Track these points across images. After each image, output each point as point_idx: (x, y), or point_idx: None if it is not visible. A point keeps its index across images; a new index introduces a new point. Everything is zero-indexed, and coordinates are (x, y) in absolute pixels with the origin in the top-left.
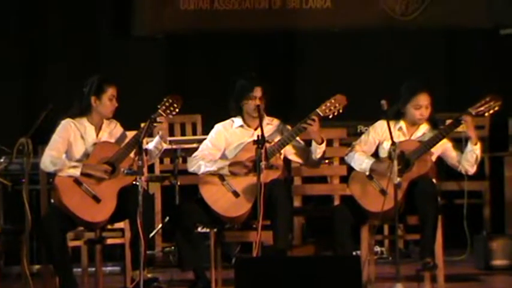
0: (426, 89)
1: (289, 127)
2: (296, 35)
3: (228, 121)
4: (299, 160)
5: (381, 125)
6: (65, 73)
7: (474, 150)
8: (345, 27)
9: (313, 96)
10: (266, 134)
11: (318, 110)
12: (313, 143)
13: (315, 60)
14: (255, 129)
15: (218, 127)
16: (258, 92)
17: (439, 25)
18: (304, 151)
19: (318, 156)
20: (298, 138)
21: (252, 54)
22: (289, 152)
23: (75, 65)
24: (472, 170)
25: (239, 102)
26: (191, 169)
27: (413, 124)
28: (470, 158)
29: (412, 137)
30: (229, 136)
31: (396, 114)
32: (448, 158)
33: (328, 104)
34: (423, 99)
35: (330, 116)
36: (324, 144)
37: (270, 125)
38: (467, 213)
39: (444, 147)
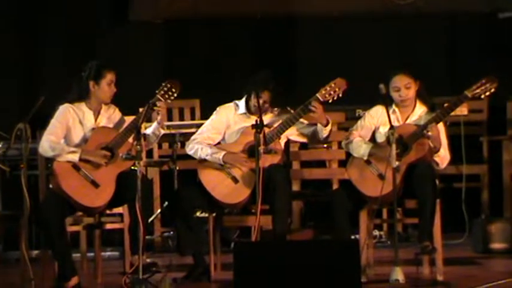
0: (402, 70)
1: (290, 110)
2: (295, 19)
3: (231, 104)
4: (303, 139)
5: (377, 110)
6: (63, 58)
7: None
8: (344, 12)
9: (312, 80)
10: (266, 120)
11: (317, 95)
12: (319, 125)
13: (314, 45)
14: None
15: (220, 110)
16: (265, 95)
17: (437, 9)
18: (308, 130)
19: (324, 135)
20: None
21: (251, 39)
22: (292, 133)
23: (74, 50)
24: None
25: (248, 93)
26: (189, 152)
27: (403, 106)
28: None
29: (408, 121)
30: (232, 120)
31: (389, 99)
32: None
33: (328, 89)
34: (399, 80)
35: (330, 101)
36: (330, 125)
37: (271, 113)
38: (466, 196)
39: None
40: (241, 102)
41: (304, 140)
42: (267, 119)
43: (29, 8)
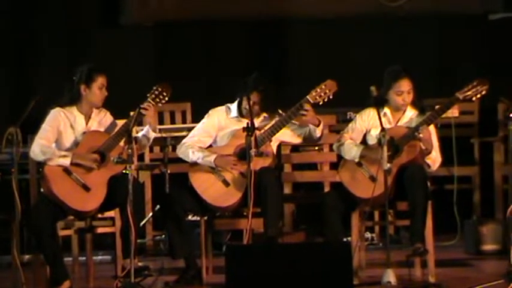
0: (407, 74)
1: (281, 112)
2: (287, 21)
3: (223, 107)
4: (297, 141)
5: (368, 113)
6: (54, 62)
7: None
8: (334, 15)
9: (304, 82)
10: (257, 123)
11: (308, 97)
12: (311, 126)
13: (306, 47)
14: None
15: (212, 113)
16: (254, 97)
17: (427, 11)
18: (301, 131)
19: (318, 135)
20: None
21: (243, 41)
22: (285, 135)
23: (64, 54)
24: None
25: (240, 95)
26: (181, 155)
27: (397, 110)
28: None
29: (399, 123)
30: (223, 123)
31: (381, 101)
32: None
33: (319, 90)
34: (404, 85)
35: (320, 103)
36: (321, 125)
37: (262, 116)
38: (457, 198)
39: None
40: (234, 106)
41: (298, 141)
42: (258, 122)
43: (19, 12)
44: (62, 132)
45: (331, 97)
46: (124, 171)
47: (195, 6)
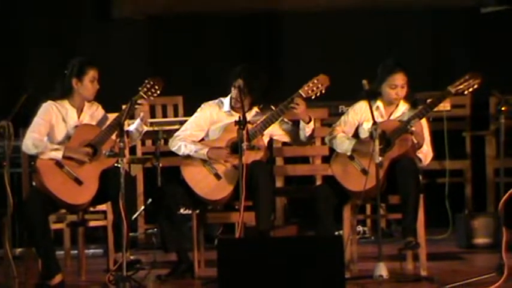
0: (401, 68)
1: (272, 107)
2: (279, 15)
3: (216, 101)
4: (286, 139)
5: (360, 106)
6: (46, 56)
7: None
8: (326, 7)
9: (296, 76)
10: (249, 117)
11: (300, 91)
12: (301, 123)
13: (298, 41)
14: None
15: (205, 106)
16: (239, 82)
17: (419, 5)
18: (291, 130)
19: (307, 134)
20: (285, 118)
21: (235, 35)
22: (275, 132)
23: (56, 47)
24: None
25: (230, 84)
26: (173, 148)
27: (390, 104)
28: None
29: (391, 117)
30: (215, 117)
31: (373, 94)
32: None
33: (311, 85)
34: (399, 79)
35: (313, 97)
36: (312, 123)
37: (255, 110)
38: (449, 192)
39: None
40: (226, 100)
41: (287, 139)
42: (250, 116)
43: (11, 5)
44: (54, 126)
45: (323, 91)
46: (116, 165)
47: (187, 0)
